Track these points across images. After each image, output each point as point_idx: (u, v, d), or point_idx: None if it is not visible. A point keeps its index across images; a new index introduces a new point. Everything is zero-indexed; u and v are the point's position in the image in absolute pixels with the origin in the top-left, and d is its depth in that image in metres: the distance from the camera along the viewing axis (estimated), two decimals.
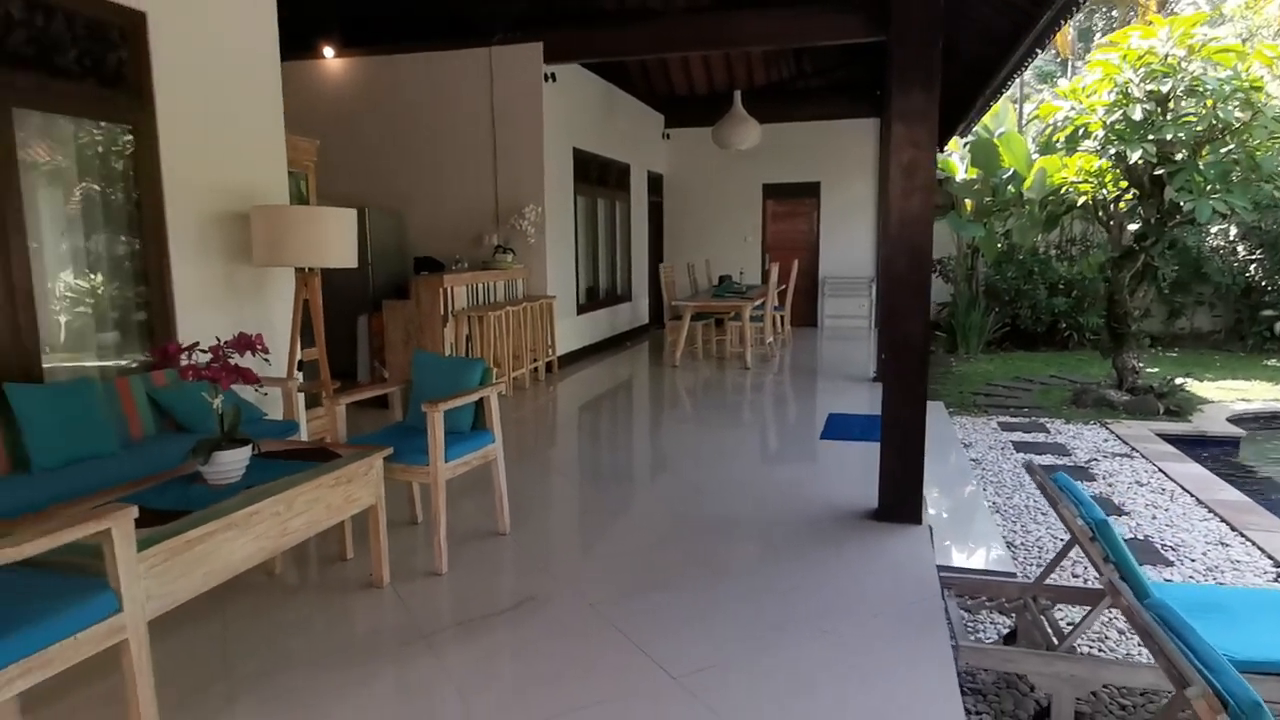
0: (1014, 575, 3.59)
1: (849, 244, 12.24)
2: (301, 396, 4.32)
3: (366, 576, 3.39)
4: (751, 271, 12.37)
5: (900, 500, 3.97)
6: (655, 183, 12.37)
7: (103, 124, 3.79)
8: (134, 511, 2.06)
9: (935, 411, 6.70)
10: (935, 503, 4.56)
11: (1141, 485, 5.17)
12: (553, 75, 8.22)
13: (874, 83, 10.91)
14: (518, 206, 8.22)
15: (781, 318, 10.55)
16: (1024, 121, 15.03)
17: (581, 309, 9.61)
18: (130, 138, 3.86)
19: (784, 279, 10.45)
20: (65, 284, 3.79)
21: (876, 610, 3.08)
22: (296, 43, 6.70)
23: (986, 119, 10.99)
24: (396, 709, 2.47)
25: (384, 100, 8.51)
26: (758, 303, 9.21)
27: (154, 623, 2.23)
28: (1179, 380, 7.81)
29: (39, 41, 3.40)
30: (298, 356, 4.61)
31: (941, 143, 11.30)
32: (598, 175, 10.00)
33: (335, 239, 4.27)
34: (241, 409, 3.00)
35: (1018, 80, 9.01)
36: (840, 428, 6.02)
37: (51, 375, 3.57)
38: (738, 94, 10.07)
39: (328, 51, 8.44)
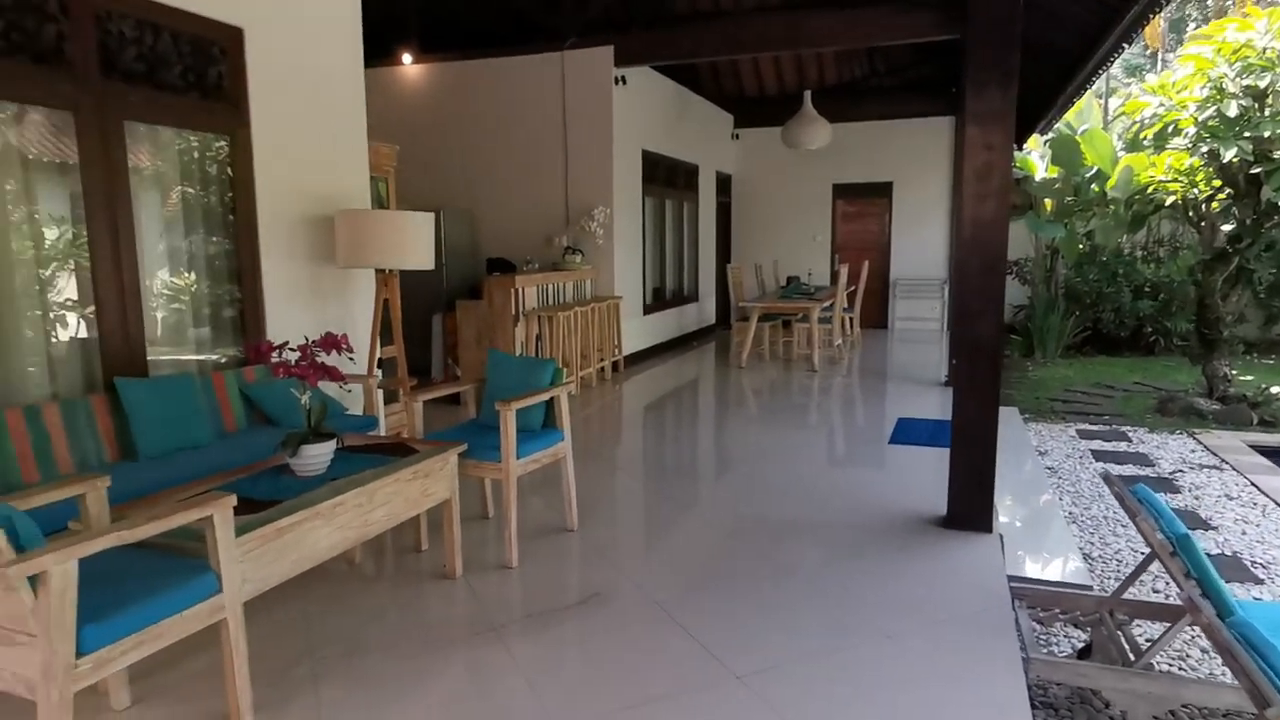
0: (1090, 588, 3.50)
1: (921, 245, 11.99)
2: (380, 393, 4.49)
3: (440, 568, 3.52)
4: (820, 272, 12.24)
5: (970, 507, 3.91)
6: (724, 183, 12.36)
7: (202, 133, 4.02)
8: (233, 500, 2.21)
9: (1009, 417, 6.53)
10: (1008, 511, 4.46)
11: (1231, 499, 4.95)
12: (623, 78, 8.31)
13: (949, 80, 10.67)
14: (587, 208, 8.34)
15: (850, 320, 10.42)
16: (1109, 118, 14.45)
17: (648, 309, 9.68)
18: (227, 146, 4.09)
19: (853, 280, 10.32)
20: (164, 283, 4.04)
21: (943, 617, 3.05)
22: (377, 50, 6.95)
23: (1069, 115, 10.62)
24: (468, 695, 2.57)
25: (459, 104, 8.74)
26: (826, 304, 9.12)
27: (246, 605, 2.38)
28: (1275, 389, 7.42)
29: (148, 59, 3.64)
30: (377, 354, 4.80)
31: (1019, 141, 10.97)
32: (666, 176, 10.06)
33: (414, 242, 4.43)
34: (326, 404, 3.15)
35: (1103, 75, 8.68)
36: (909, 432, 5.93)
37: (154, 369, 3.82)
38: (808, 94, 9.98)
39: (406, 58, 8.72)
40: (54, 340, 3.52)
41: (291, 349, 3.00)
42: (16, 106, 3.26)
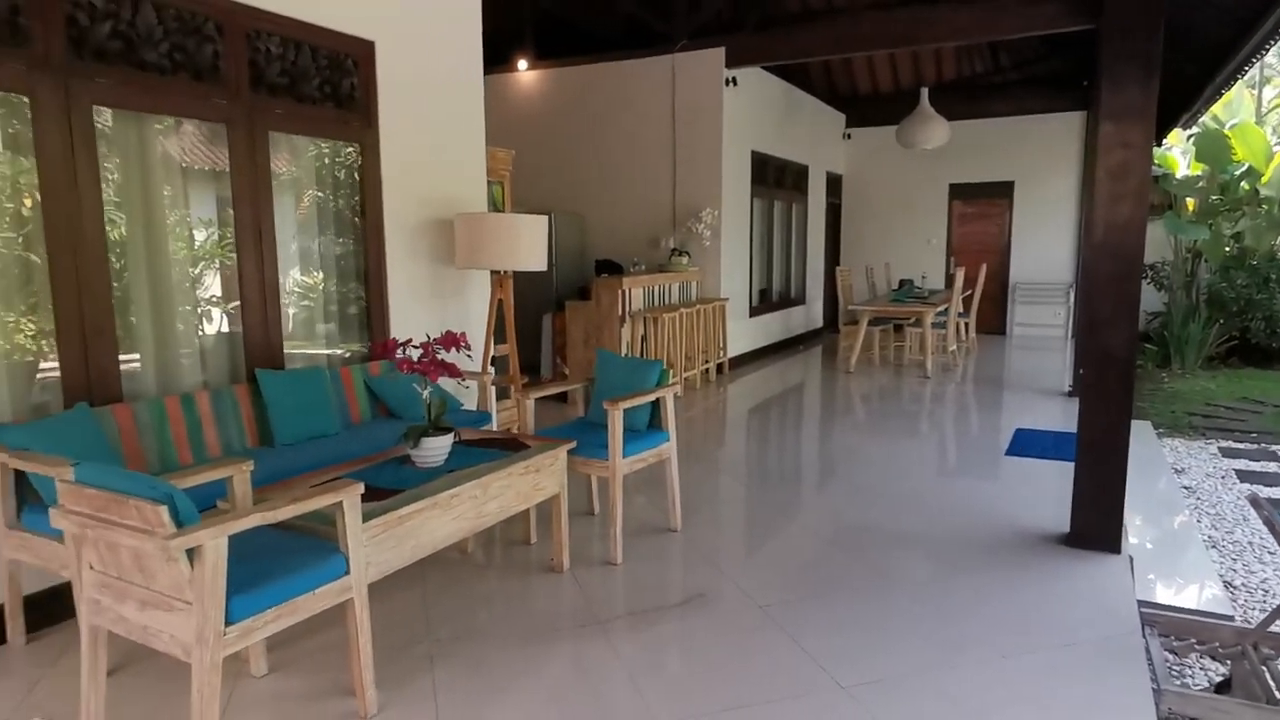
0: (1231, 619, 3.25)
1: (1044, 247, 11.38)
2: (492, 389, 4.66)
3: (547, 561, 3.62)
4: (935, 275, 11.82)
5: (1096, 525, 3.69)
6: (834, 184, 12.12)
7: (335, 141, 4.28)
8: (360, 487, 2.35)
9: (1141, 432, 6.13)
10: (1138, 532, 4.20)
11: None
12: (733, 79, 8.28)
13: (1079, 73, 10.09)
14: (695, 210, 8.36)
15: (966, 325, 10.01)
16: (1263, 110, 13.28)
17: (754, 311, 9.61)
18: (357, 153, 4.34)
19: (970, 284, 9.91)
20: (297, 281, 4.32)
21: (1065, 641, 2.90)
22: (494, 57, 7.20)
23: (1216, 108, 9.85)
24: (572, 687, 2.64)
25: (570, 109, 8.94)
26: (940, 308, 8.80)
27: (369, 587, 2.52)
28: None
29: (290, 73, 3.91)
30: (491, 353, 4.98)
31: (1160, 136, 10.24)
32: (775, 177, 9.95)
33: (528, 244, 4.57)
34: (446, 399, 3.29)
35: (1257, 64, 8.01)
36: (1028, 444, 5.66)
37: (288, 363, 4.09)
38: (925, 91, 9.66)
39: (521, 64, 8.99)
40: (203, 333, 3.83)
41: (415, 346, 3.15)
42: (175, 119, 3.57)
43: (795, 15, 9.79)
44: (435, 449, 3.03)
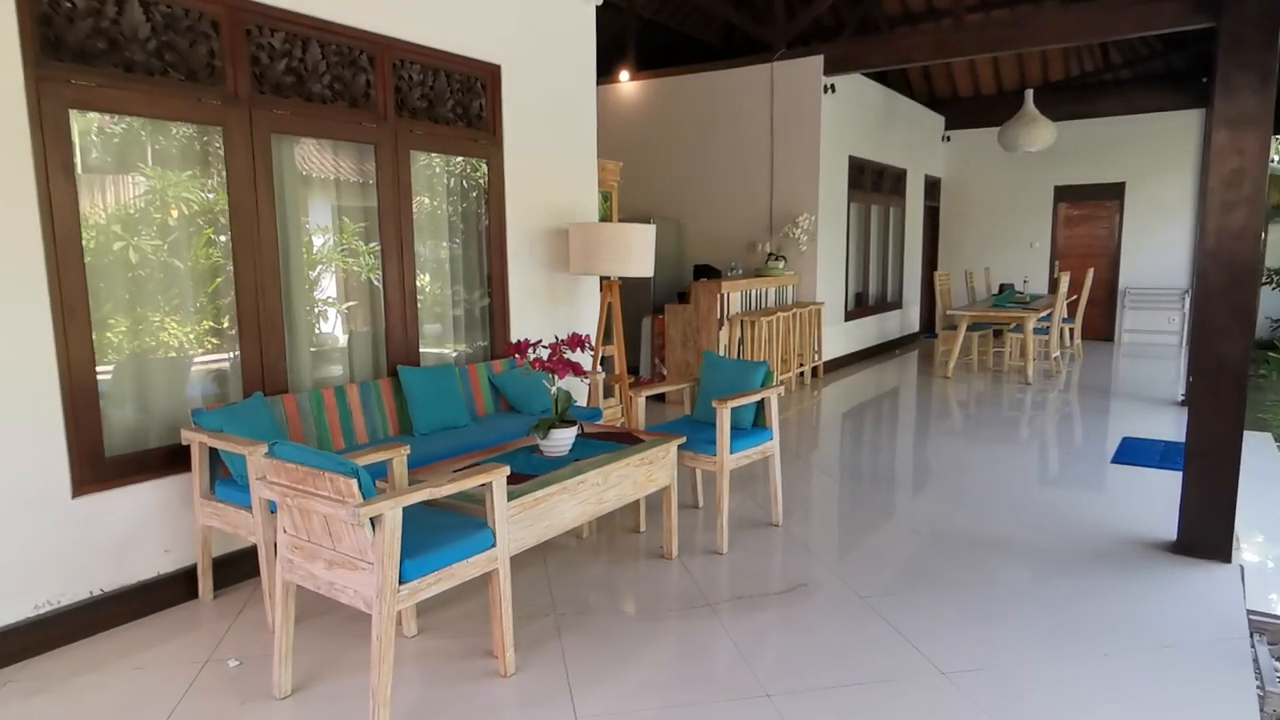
0: None
1: (1157, 250, 10.95)
2: (600, 387, 4.95)
3: (657, 548, 3.88)
4: (1037, 280, 11.56)
5: (1204, 534, 3.69)
6: (932, 187, 12.00)
7: (465, 158, 4.66)
8: (507, 470, 2.66)
9: (1259, 443, 5.94)
10: (1252, 543, 4.14)
11: None
12: (832, 86, 8.38)
13: (1198, 70, 9.70)
14: (791, 215, 8.50)
15: (1071, 331, 9.77)
16: None
17: (850, 315, 9.66)
18: (484, 168, 4.71)
19: (1075, 289, 9.66)
20: (428, 286, 4.71)
21: (1168, 642, 2.96)
22: (598, 70, 7.55)
23: None
24: (686, 658, 2.88)
25: (669, 118, 9.21)
26: (1043, 314, 8.64)
27: None
28: None
29: (429, 97, 4.30)
30: (600, 353, 5.29)
31: None
32: (873, 181, 9.97)
33: (636, 251, 4.85)
34: (570, 395, 3.59)
35: None
36: (1135, 452, 5.58)
37: (422, 361, 4.49)
38: (1029, 93, 9.50)
39: (624, 75, 9.32)
40: (351, 333, 4.26)
41: (544, 346, 3.47)
42: (333, 142, 4.00)
43: (895, 19, 9.80)
44: (562, 440, 3.34)
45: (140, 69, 3.12)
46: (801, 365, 8.33)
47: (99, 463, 3.10)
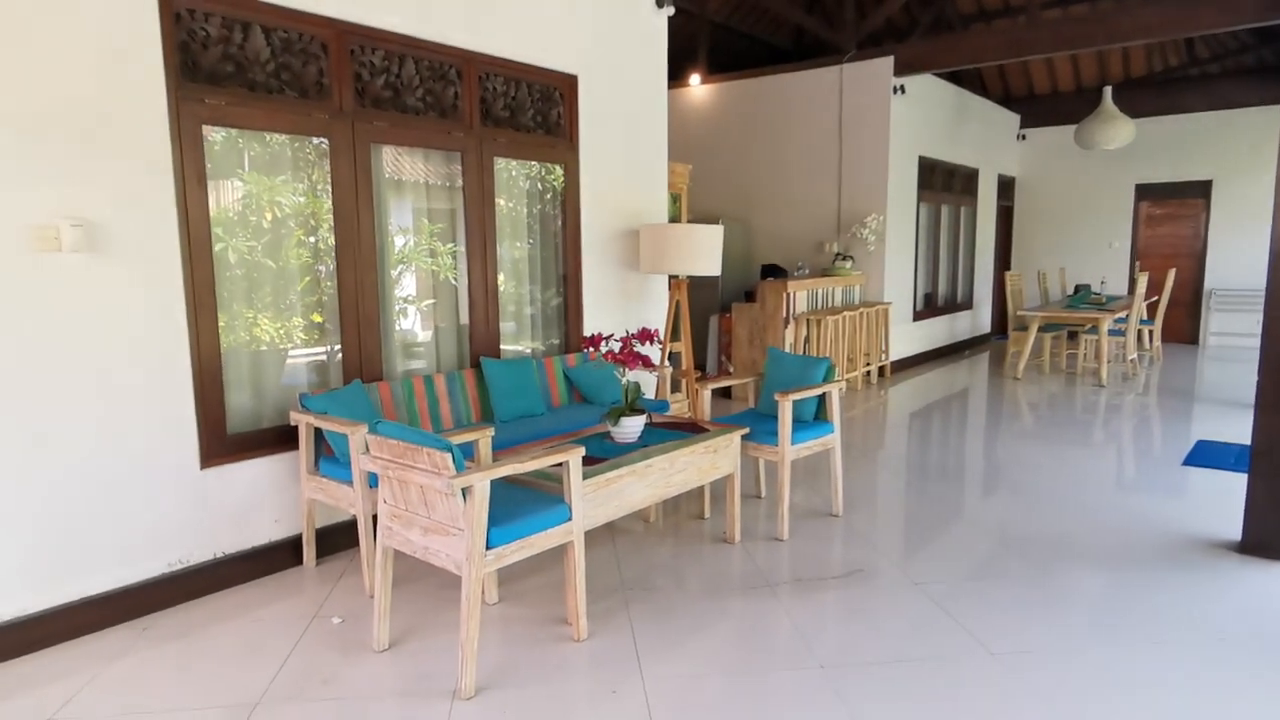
0: None
1: (1247, 250, 10.54)
2: (668, 381, 5.18)
3: (720, 534, 4.09)
4: (1115, 281, 11.28)
5: (1269, 534, 3.69)
6: (1006, 186, 11.82)
7: (542, 163, 4.95)
8: (583, 450, 2.91)
9: None
10: None
11: None
12: (902, 87, 8.41)
13: None
14: (859, 215, 8.57)
15: (1150, 333, 9.54)
16: None
17: (918, 315, 9.65)
18: (560, 173, 4.99)
19: (1155, 290, 9.44)
20: (508, 283, 5.02)
21: (1224, 635, 3.01)
22: (669, 74, 7.79)
23: None
24: (748, 634, 3.08)
25: (738, 120, 9.37)
26: (1120, 315, 8.49)
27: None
28: None
29: (511, 107, 4.60)
30: (667, 349, 5.51)
31: None
32: (943, 181, 9.93)
33: (704, 251, 5.06)
34: (640, 386, 3.83)
35: None
36: (1209, 455, 5.50)
37: (501, 354, 4.80)
38: (1108, 90, 9.32)
39: (694, 79, 9.53)
40: (439, 327, 4.59)
41: (616, 340, 3.71)
42: (424, 150, 4.34)
43: (969, 17, 9.74)
44: (632, 427, 3.57)
45: (261, 88, 3.49)
46: (868, 365, 8.39)
47: (223, 439, 3.48)
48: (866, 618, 3.20)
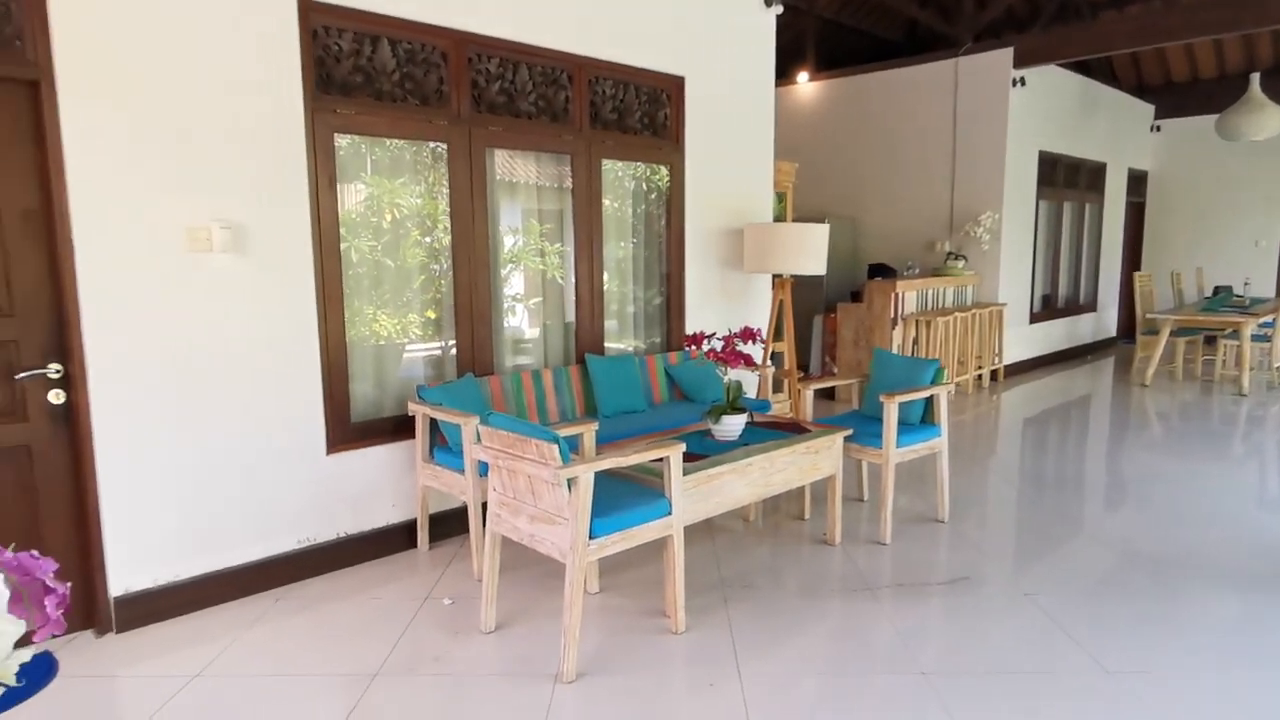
0: None
1: None
2: (770, 381, 5.16)
3: (820, 535, 4.05)
4: (1262, 282, 10.41)
5: None
6: (1136, 182, 11.11)
7: (648, 164, 5.03)
8: (683, 446, 2.96)
9: None
10: None
11: None
12: (1021, 79, 8.05)
13: None
14: (973, 213, 8.26)
15: None
16: None
17: (1035, 317, 9.21)
18: (665, 173, 5.06)
19: None
20: (611, 282, 5.12)
21: None
22: (777, 72, 7.73)
23: None
24: (847, 635, 3.05)
25: (846, 117, 9.20)
26: (1265, 319, 7.85)
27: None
28: None
29: (618, 109, 4.70)
30: (770, 349, 5.49)
31: None
32: (1066, 177, 9.44)
33: (809, 250, 5.01)
34: (741, 385, 3.85)
35: None
36: None
37: (606, 351, 4.90)
38: (1255, 76, 8.62)
39: (802, 77, 9.42)
40: (546, 325, 4.74)
41: (719, 338, 3.74)
42: (535, 153, 4.49)
43: (1097, 4, 9.23)
44: (732, 425, 3.60)
45: (386, 97, 3.71)
46: (980, 368, 8.08)
47: (346, 427, 3.72)
48: (972, 626, 3.11)
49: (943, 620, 3.18)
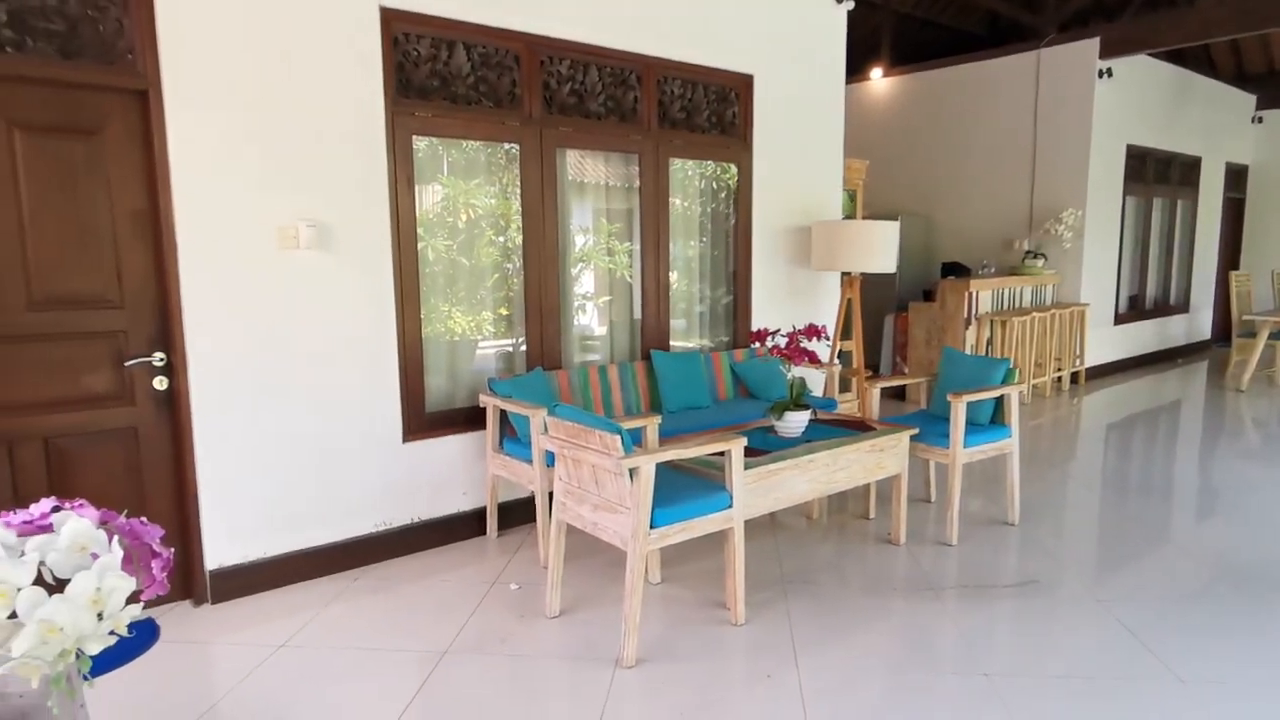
0: None
1: None
2: (837, 380, 5.13)
3: (885, 535, 4.02)
4: None
5: None
6: (1235, 176, 10.54)
7: (716, 163, 5.06)
8: (744, 440, 3.00)
9: None
10: None
11: None
12: (1108, 70, 7.75)
13: None
14: (1054, 211, 7.99)
15: None
16: None
17: (1120, 318, 8.85)
18: (734, 171, 5.09)
19: None
20: (679, 279, 5.17)
21: None
22: (848, 68, 7.64)
23: None
24: (909, 634, 3.04)
25: (920, 113, 9.01)
26: None
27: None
28: None
29: (687, 109, 4.76)
30: (837, 347, 5.46)
31: None
32: (1157, 173, 9.03)
33: (879, 248, 4.96)
34: (805, 382, 3.85)
35: None
36: None
37: (671, 347, 4.96)
38: None
39: (876, 73, 9.27)
40: (612, 322, 4.83)
41: (783, 335, 3.76)
42: (604, 153, 4.58)
43: None
44: (795, 422, 3.61)
45: (461, 100, 3.86)
46: (1060, 370, 7.81)
47: (421, 417, 3.89)
48: (1040, 630, 3.05)
49: (1009, 623, 3.13)
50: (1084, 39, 7.76)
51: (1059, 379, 7.84)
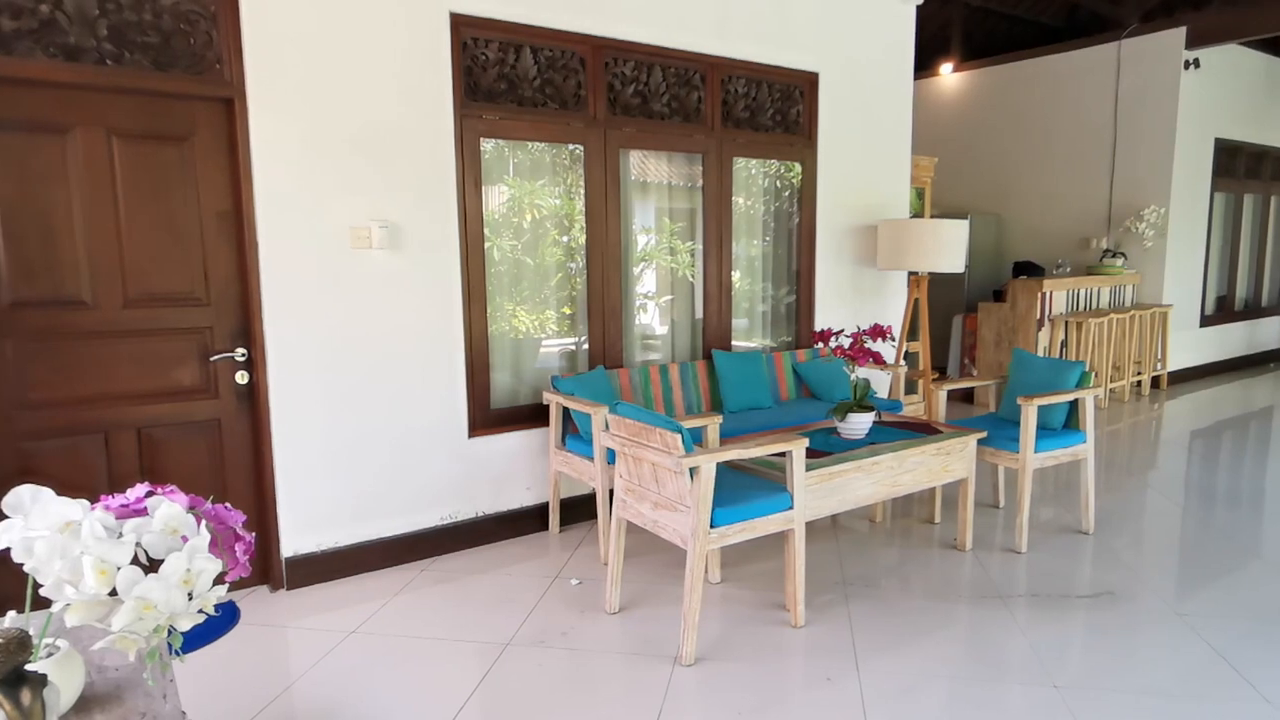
0: None
1: None
2: (903, 381, 5.03)
3: (950, 540, 3.94)
4: None
5: None
6: None
7: (780, 162, 5.03)
8: (806, 441, 2.98)
9: None
10: None
11: None
12: (1195, 61, 7.40)
13: None
14: (1135, 208, 7.68)
15: None
16: None
17: (1206, 320, 8.45)
18: (798, 170, 5.04)
19: None
20: (741, 279, 5.15)
21: None
22: (917, 64, 7.47)
23: None
24: (975, 643, 2.97)
25: (992, 109, 8.76)
26: None
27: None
28: None
29: (750, 108, 4.73)
30: (904, 348, 5.36)
31: None
32: (1248, 167, 8.59)
33: (947, 248, 4.85)
34: (869, 383, 3.80)
35: None
36: None
37: (733, 347, 4.95)
38: None
39: (945, 69, 9.05)
40: (674, 321, 4.84)
41: (847, 335, 3.71)
42: (668, 153, 4.60)
43: None
44: (859, 424, 3.56)
45: (528, 103, 3.92)
46: (1139, 374, 7.50)
47: (486, 413, 3.97)
48: (1115, 643, 2.95)
49: (1082, 635, 3.03)
50: (1169, 29, 7.43)
51: (1139, 383, 7.54)
